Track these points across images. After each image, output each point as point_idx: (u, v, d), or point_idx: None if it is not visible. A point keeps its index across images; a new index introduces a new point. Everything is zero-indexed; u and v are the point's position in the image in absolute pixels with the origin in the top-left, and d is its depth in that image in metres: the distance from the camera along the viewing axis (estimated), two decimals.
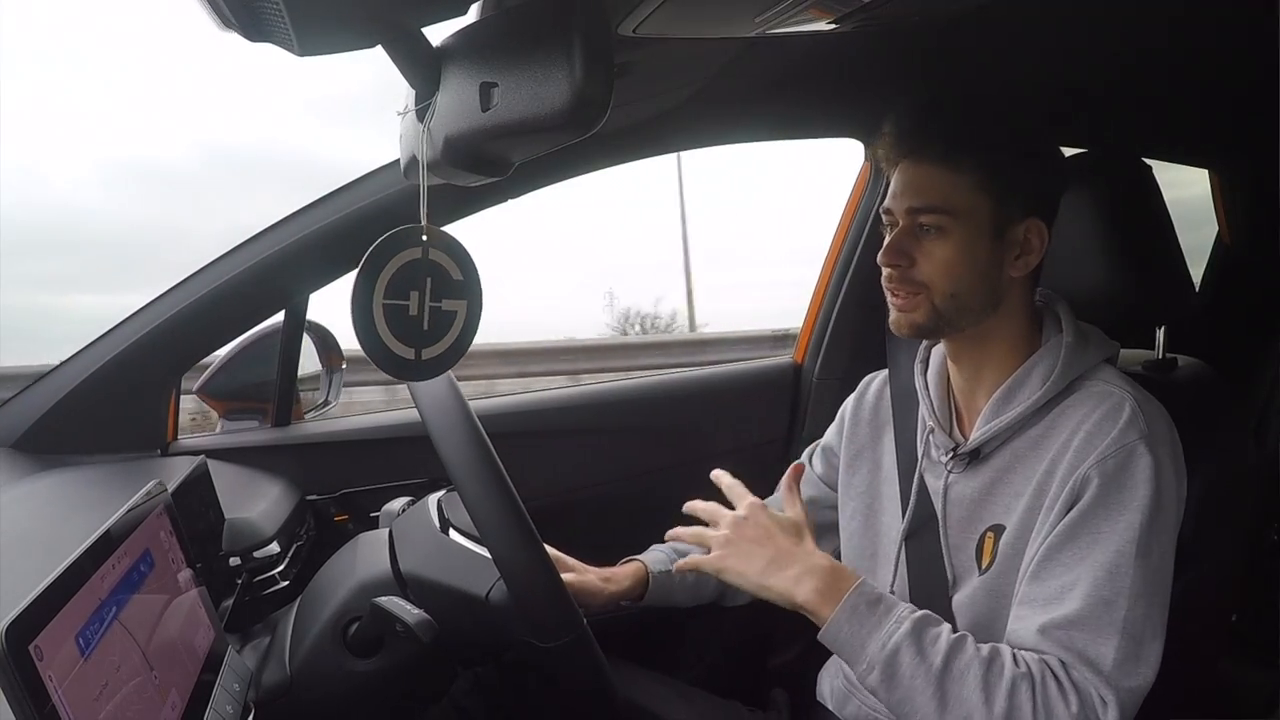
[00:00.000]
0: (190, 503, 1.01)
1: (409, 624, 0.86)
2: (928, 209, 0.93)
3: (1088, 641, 0.84)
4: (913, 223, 0.95)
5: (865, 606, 0.88)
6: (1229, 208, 1.86)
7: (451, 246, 0.68)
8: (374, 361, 0.66)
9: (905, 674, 0.84)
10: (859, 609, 0.87)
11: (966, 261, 0.93)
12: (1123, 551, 0.85)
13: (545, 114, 0.52)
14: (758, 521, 0.95)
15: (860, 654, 0.86)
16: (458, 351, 0.69)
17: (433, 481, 1.32)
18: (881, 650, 0.85)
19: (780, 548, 0.93)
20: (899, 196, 0.96)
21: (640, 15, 0.71)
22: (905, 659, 0.84)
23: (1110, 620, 0.84)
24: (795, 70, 1.14)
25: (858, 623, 0.87)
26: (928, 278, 0.94)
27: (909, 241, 0.95)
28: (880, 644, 0.85)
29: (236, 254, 1.28)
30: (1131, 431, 0.88)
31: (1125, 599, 0.84)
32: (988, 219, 0.93)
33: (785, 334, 6.13)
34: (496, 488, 0.87)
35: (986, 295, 0.96)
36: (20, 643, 0.54)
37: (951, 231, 0.93)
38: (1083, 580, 0.85)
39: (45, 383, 1.28)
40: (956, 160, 0.93)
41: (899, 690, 0.84)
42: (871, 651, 0.85)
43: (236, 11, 0.51)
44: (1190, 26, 1.08)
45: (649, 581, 1.13)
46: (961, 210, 0.93)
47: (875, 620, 0.87)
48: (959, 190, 0.93)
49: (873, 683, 0.86)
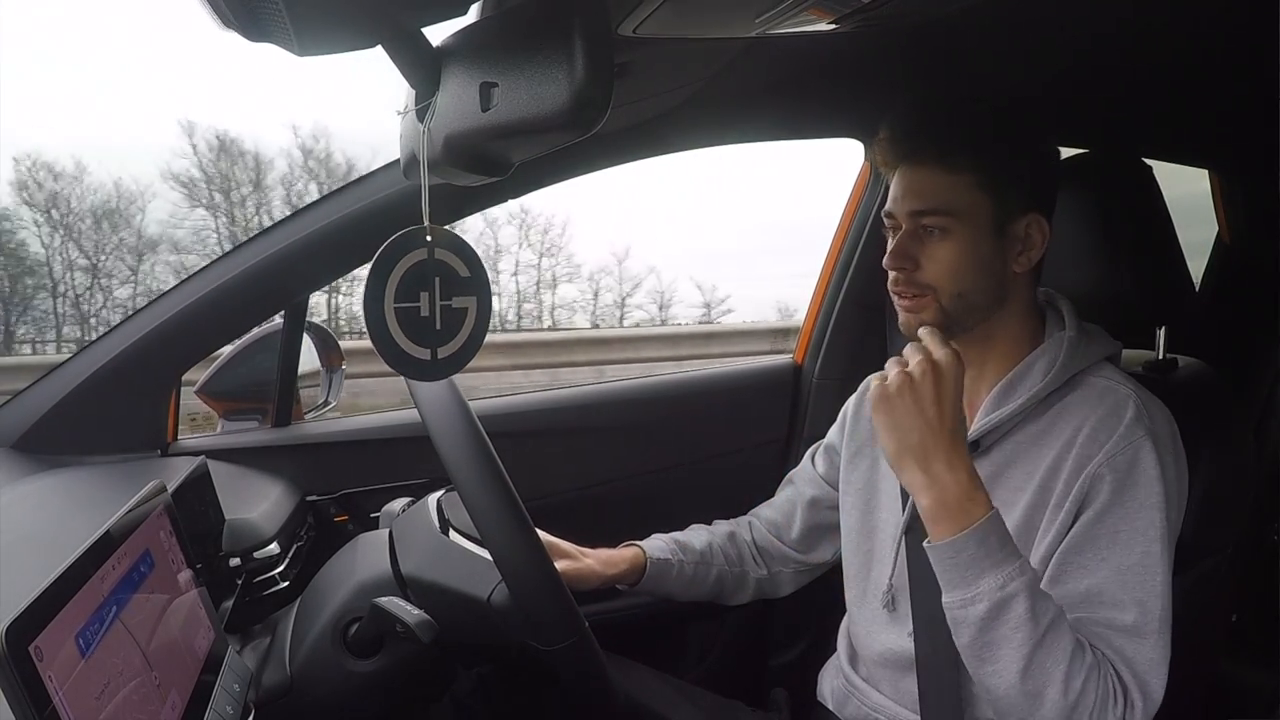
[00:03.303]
0: (190, 503, 1.01)
1: (409, 624, 0.86)
2: (929, 211, 0.94)
3: (1126, 643, 0.85)
4: (915, 225, 0.95)
5: (996, 539, 0.82)
6: (1229, 208, 1.86)
7: (456, 244, 0.68)
8: (392, 366, 0.66)
9: (1010, 624, 0.81)
10: (989, 539, 0.82)
11: (971, 261, 0.94)
12: (1149, 551, 0.86)
13: (545, 114, 0.52)
14: (929, 391, 0.85)
15: (973, 583, 0.81)
16: (472, 347, 0.70)
17: (433, 482, 1.32)
18: (1000, 590, 0.80)
19: (933, 432, 0.84)
20: (900, 200, 0.96)
21: (640, 15, 0.70)
22: (1017, 609, 0.80)
23: (1148, 621, 0.85)
24: (795, 70, 1.14)
25: (984, 552, 0.81)
26: (934, 280, 0.94)
27: (913, 244, 0.95)
28: (999, 582, 0.81)
29: (236, 254, 1.28)
30: (1138, 428, 0.89)
31: (1158, 599, 0.86)
32: (989, 217, 0.94)
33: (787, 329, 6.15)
34: (496, 488, 0.87)
35: (992, 292, 0.96)
36: (20, 643, 0.54)
37: (954, 232, 0.93)
38: (1111, 582, 0.86)
39: (45, 383, 1.27)
40: (954, 161, 0.93)
41: (993, 634, 0.81)
42: (987, 586, 0.81)
43: (236, 11, 0.51)
44: (1190, 26, 1.08)
45: (646, 568, 1.14)
46: (963, 210, 0.93)
47: (1002, 556, 0.82)
48: (959, 190, 0.93)
49: (972, 616, 0.82)
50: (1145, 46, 1.13)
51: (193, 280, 1.28)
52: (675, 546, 1.17)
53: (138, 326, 1.26)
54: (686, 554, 1.17)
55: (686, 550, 1.17)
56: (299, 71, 33.94)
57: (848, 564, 1.13)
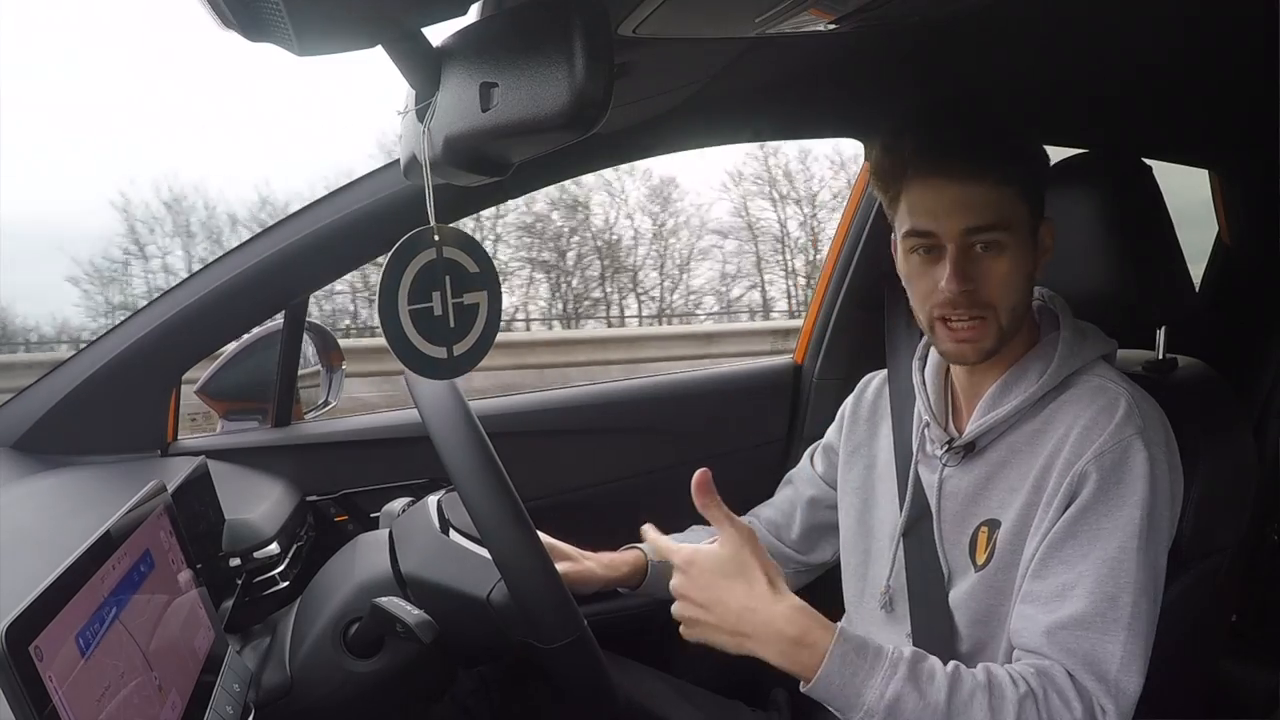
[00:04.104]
0: (190, 503, 1.01)
1: (409, 624, 0.86)
2: (986, 227, 0.91)
3: (1095, 641, 0.84)
4: (967, 243, 0.92)
5: (855, 654, 0.82)
6: (1229, 208, 1.86)
7: (464, 241, 0.69)
8: (410, 368, 0.67)
9: (909, 717, 0.81)
10: (849, 657, 0.82)
11: (1023, 273, 0.94)
12: (1124, 547, 0.85)
13: (545, 114, 0.52)
14: (700, 583, 0.87)
15: (856, 703, 0.82)
16: (486, 342, 0.70)
17: (433, 482, 1.32)
18: (881, 699, 0.81)
19: (732, 609, 0.85)
20: (945, 217, 0.91)
21: (640, 15, 0.70)
22: (908, 704, 0.80)
23: (1115, 616, 0.84)
24: (796, 70, 1.14)
25: (850, 672, 0.82)
26: (994, 297, 0.93)
27: (969, 263, 0.92)
28: (879, 693, 0.81)
29: (236, 254, 1.28)
30: (1128, 427, 0.89)
31: (1129, 594, 0.84)
32: (1029, 227, 0.94)
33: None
34: (496, 488, 0.87)
35: (1029, 301, 0.97)
36: (20, 643, 0.54)
37: (1008, 247, 0.92)
38: (1086, 577, 0.85)
39: (45, 383, 1.28)
40: (1008, 175, 0.91)
41: None
42: (869, 700, 0.81)
43: (236, 11, 0.51)
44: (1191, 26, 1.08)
45: (647, 570, 1.14)
46: (1014, 223, 0.92)
47: (868, 667, 0.82)
48: (1009, 204, 0.92)
49: None
50: (1145, 46, 1.13)
51: (193, 280, 1.28)
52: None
53: (138, 326, 1.26)
54: None
55: None
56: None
57: (846, 564, 1.13)
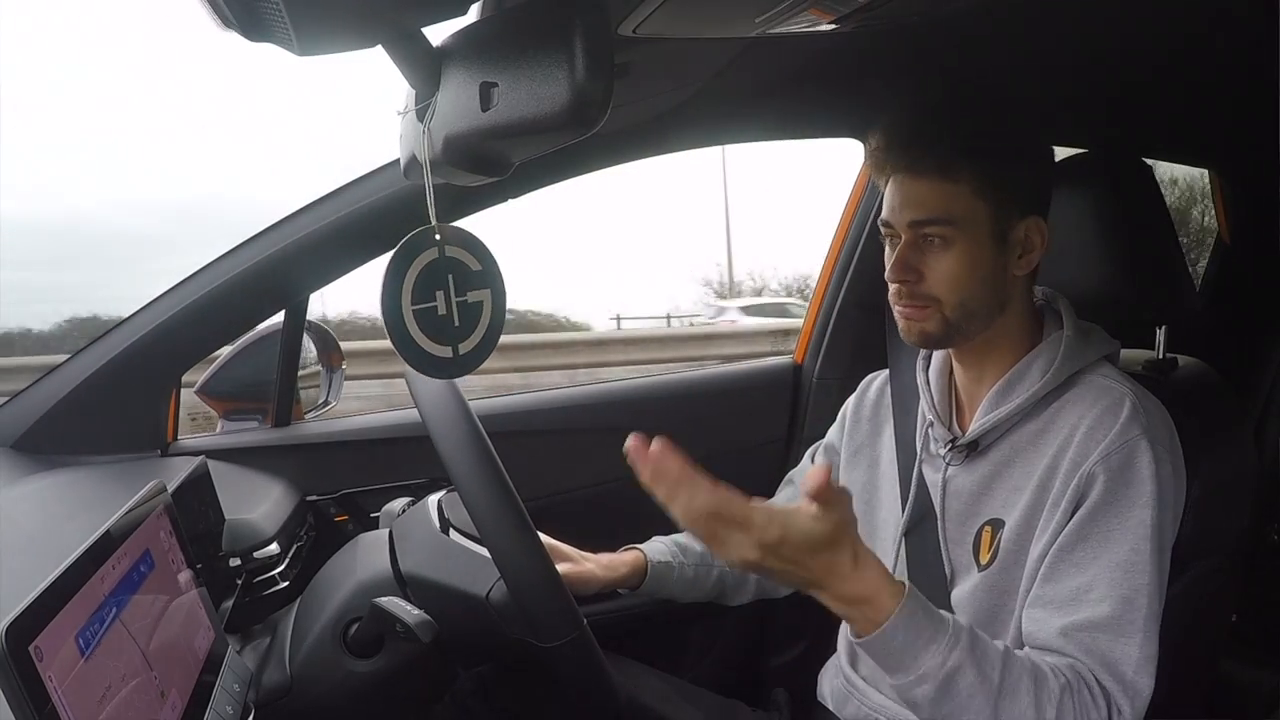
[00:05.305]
0: (190, 503, 1.01)
1: (409, 624, 0.86)
2: (930, 221, 0.93)
3: (1111, 643, 0.84)
4: (915, 235, 0.94)
5: (923, 614, 0.79)
6: (1229, 208, 1.86)
7: (466, 239, 0.69)
8: (417, 369, 0.67)
9: (963, 693, 0.79)
10: (916, 617, 0.78)
11: (972, 269, 0.93)
12: (1136, 549, 0.85)
13: (545, 114, 0.52)
14: (793, 545, 0.77)
15: (911, 666, 0.79)
16: (491, 339, 0.70)
17: (433, 481, 1.32)
18: (941, 667, 0.78)
19: (812, 575, 0.78)
20: (898, 210, 0.95)
21: (640, 15, 0.70)
22: (967, 678, 0.78)
23: (1132, 618, 0.84)
24: (795, 70, 1.14)
25: (914, 635, 0.78)
26: (937, 291, 0.94)
27: (914, 255, 0.94)
28: (939, 660, 0.78)
29: (236, 254, 1.28)
30: (1134, 427, 0.89)
31: (1143, 595, 0.85)
32: (989, 224, 0.93)
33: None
34: (496, 488, 0.87)
35: (993, 299, 0.96)
36: (20, 643, 0.54)
37: (955, 241, 0.93)
38: (1100, 580, 0.85)
39: (45, 383, 1.27)
40: (953, 170, 0.92)
41: (949, 706, 0.79)
42: (928, 666, 0.78)
43: (236, 11, 0.51)
44: (1190, 26, 1.08)
45: (647, 571, 1.14)
46: (962, 218, 0.93)
47: (930, 631, 0.79)
48: (958, 199, 0.93)
49: (921, 696, 0.79)
50: (1145, 46, 1.13)
51: (193, 280, 1.28)
52: (676, 549, 1.17)
53: (138, 326, 1.26)
54: (687, 556, 1.17)
55: (687, 552, 1.17)
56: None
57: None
